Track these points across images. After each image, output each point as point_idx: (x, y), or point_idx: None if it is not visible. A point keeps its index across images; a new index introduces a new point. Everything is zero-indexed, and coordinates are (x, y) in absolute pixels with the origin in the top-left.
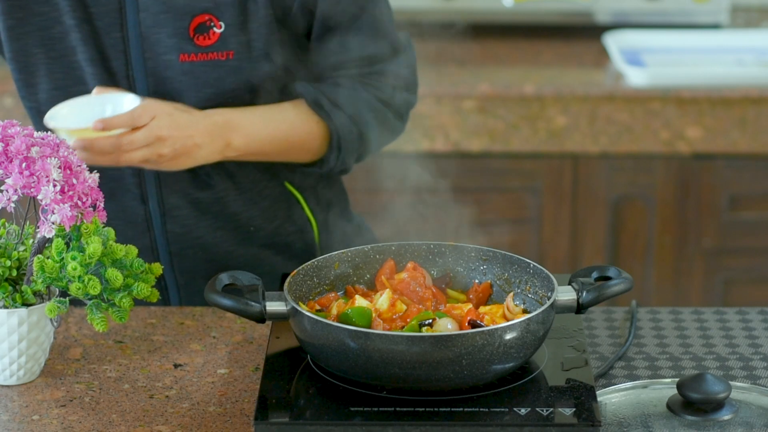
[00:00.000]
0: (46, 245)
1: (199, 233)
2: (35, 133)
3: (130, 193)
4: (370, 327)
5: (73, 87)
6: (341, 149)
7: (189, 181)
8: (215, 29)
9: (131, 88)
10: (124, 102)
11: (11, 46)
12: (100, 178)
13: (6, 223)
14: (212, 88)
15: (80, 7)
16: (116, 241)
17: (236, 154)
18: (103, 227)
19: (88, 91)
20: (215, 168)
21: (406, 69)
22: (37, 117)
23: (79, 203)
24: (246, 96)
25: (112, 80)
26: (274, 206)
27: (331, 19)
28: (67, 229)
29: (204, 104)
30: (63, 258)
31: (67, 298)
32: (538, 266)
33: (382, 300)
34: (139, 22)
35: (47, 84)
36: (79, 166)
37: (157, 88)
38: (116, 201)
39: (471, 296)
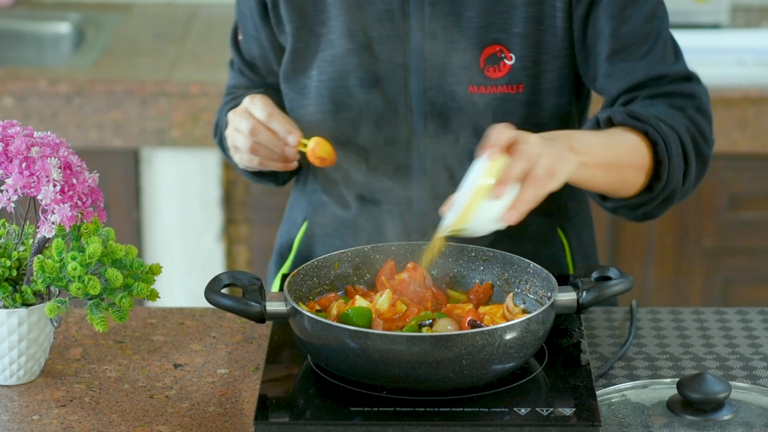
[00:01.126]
0: (46, 245)
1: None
2: (35, 133)
3: (398, 222)
4: (370, 327)
5: (339, 112)
6: (670, 158)
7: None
8: (506, 61)
9: (407, 116)
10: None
11: (293, 67)
12: (375, 203)
13: (6, 223)
14: (499, 122)
15: (359, 32)
16: None
17: (586, 158)
18: (104, 227)
19: (359, 117)
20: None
21: (705, 97)
22: (305, 130)
23: (79, 203)
24: (534, 131)
25: (388, 107)
26: (537, 249)
27: (622, 39)
28: (67, 229)
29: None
30: (63, 258)
31: (67, 298)
32: (538, 266)
33: (382, 300)
34: (423, 50)
35: (315, 107)
36: (79, 166)
37: (435, 118)
38: (387, 227)
39: (471, 297)
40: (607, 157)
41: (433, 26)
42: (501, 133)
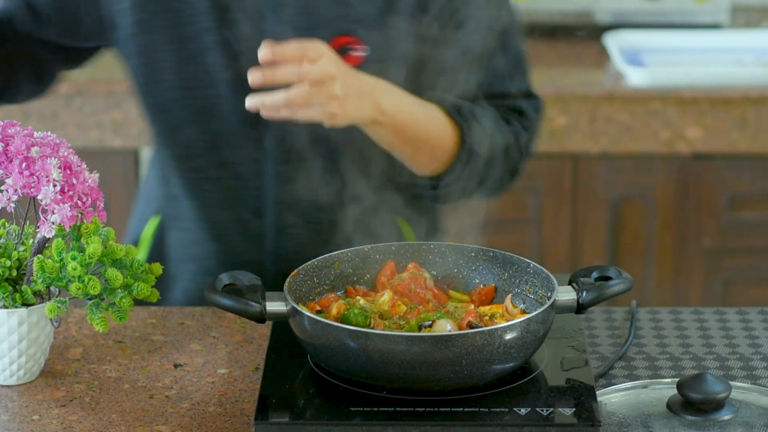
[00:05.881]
0: (46, 245)
1: (312, 253)
2: (35, 133)
3: (247, 206)
4: (370, 327)
5: (202, 90)
6: (469, 163)
7: (308, 202)
8: (357, 53)
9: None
10: None
11: (139, 40)
12: (219, 187)
13: (6, 223)
14: None
15: (218, 10)
16: (226, 251)
17: (384, 119)
18: (104, 227)
19: (217, 95)
20: (335, 189)
21: (536, 114)
22: (157, 114)
23: (79, 203)
24: None
25: (244, 88)
26: (384, 238)
27: (470, 50)
28: (67, 229)
29: (340, 129)
30: (63, 258)
31: (67, 298)
32: (538, 266)
33: (383, 301)
34: (279, 33)
35: (174, 83)
36: (79, 166)
37: None
38: (232, 211)
39: (474, 298)
40: (414, 123)
41: (283, 17)
42: (316, 46)
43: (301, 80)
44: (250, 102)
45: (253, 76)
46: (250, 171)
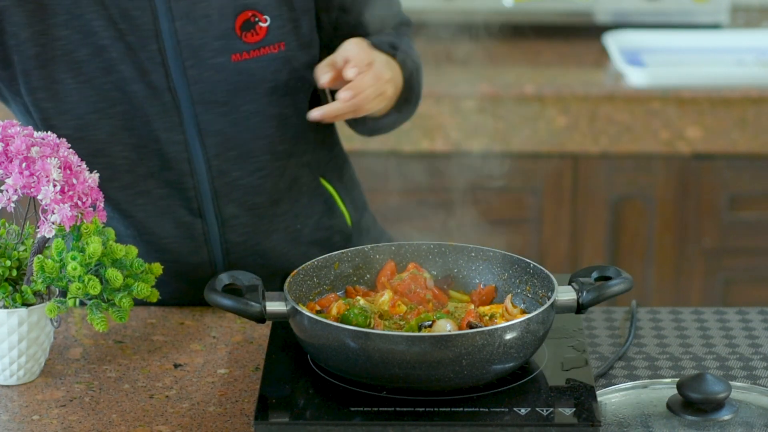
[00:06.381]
0: (46, 245)
1: (257, 239)
2: (35, 133)
3: (185, 209)
4: (370, 327)
5: (113, 108)
6: (412, 92)
7: (246, 188)
8: (261, 24)
9: (174, 99)
10: None
11: (37, 74)
12: (152, 198)
13: (6, 223)
14: (270, 82)
15: (111, 26)
16: (173, 258)
17: (389, 105)
18: (103, 226)
19: (132, 110)
20: (264, 169)
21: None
22: (73, 143)
23: (79, 203)
24: (299, 85)
25: (155, 94)
26: (313, 202)
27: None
28: (67, 229)
29: (261, 100)
30: (63, 258)
31: (67, 298)
32: (538, 266)
33: (383, 301)
34: (175, 30)
35: (84, 109)
36: (79, 166)
37: (204, 95)
38: (170, 217)
39: (474, 298)
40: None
41: (181, 6)
42: (361, 52)
43: (377, 83)
44: (317, 114)
45: (326, 79)
46: (181, 173)
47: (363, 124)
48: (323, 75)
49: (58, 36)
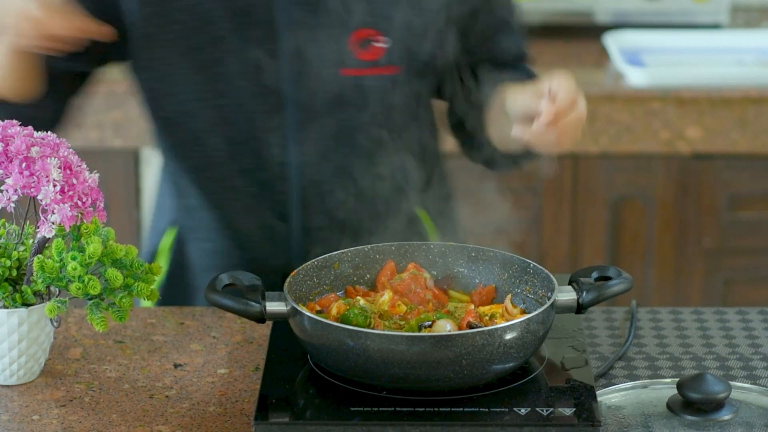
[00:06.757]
0: (46, 245)
1: None
2: (35, 133)
3: (271, 211)
4: (369, 327)
5: (217, 99)
6: None
7: (336, 202)
8: (378, 44)
9: (279, 101)
10: None
11: (147, 54)
12: (242, 195)
13: (6, 223)
14: (377, 103)
15: (230, 18)
16: (252, 257)
17: None
18: (104, 227)
19: (235, 104)
20: (358, 188)
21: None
22: (172, 127)
23: (79, 203)
24: (408, 111)
25: (261, 93)
26: (403, 229)
27: (488, 21)
28: (67, 229)
29: (366, 119)
30: (63, 258)
31: (68, 298)
32: (538, 266)
33: (383, 301)
34: (293, 33)
35: (189, 95)
36: (79, 166)
37: (309, 103)
38: (256, 217)
39: (474, 298)
40: None
41: (301, 13)
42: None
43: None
44: (522, 134)
45: (550, 119)
46: (273, 176)
47: (484, 152)
48: (534, 103)
49: (177, 20)
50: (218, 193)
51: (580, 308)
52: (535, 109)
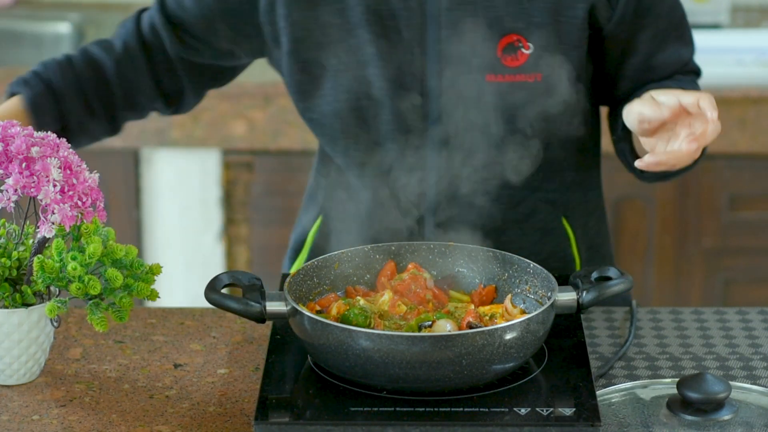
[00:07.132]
0: (46, 245)
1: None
2: (35, 133)
3: (404, 211)
4: (369, 327)
5: (359, 101)
6: None
7: (470, 207)
8: (523, 50)
9: (423, 104)
10: None
11: (300, 57)
12: (377, 195)
13: (6, 223)
14: (520, 110)
15: (378, 21)
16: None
17: None
18: (104, 227)
19: (376, 107)
20: (495, 194)
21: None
22: (316, 127)
23: (79, 203)
24: (551, 119)
25: (404, 96)
26: (544, 239)
27: (650, 27)
28: (67, 229)
29: (508, 126)
30: (63, 258)
31: (68, 298)
32: (538, 266)
33: (383, 301)
34: (440, 38)
35: (332, 96)
36: (79, 166)
37: (452, 107)
38: (391, 217)
39: (474, 298)
40: None
41: (451, 16)
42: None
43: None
44: (643, 164)
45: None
46: (410, 176)
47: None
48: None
49: (328, 23)
50: (359, 190)
51: (580, 308)
52: (654, 118)
